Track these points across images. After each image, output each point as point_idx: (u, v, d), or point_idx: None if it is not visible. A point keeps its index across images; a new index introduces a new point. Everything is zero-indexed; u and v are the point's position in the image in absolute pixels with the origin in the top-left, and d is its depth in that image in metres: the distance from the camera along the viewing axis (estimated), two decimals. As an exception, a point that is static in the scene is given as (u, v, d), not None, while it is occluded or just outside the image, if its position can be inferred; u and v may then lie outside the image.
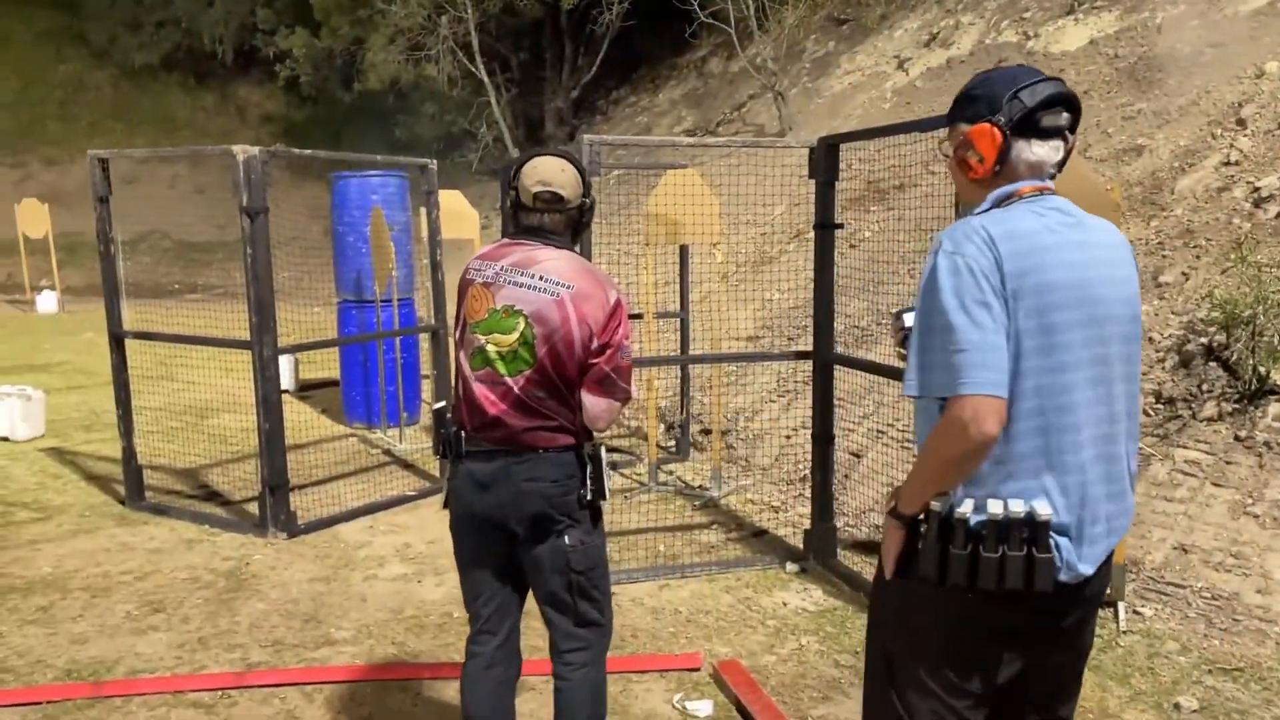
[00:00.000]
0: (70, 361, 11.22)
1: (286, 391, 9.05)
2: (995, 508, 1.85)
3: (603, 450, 2.68)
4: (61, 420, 8.20)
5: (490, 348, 2.59)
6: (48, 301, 16.31)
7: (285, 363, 8.96)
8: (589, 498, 2.64)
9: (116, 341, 5.84)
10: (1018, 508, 1.85)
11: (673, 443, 7.10)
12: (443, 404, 2.75)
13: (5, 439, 7.46)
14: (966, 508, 1.87)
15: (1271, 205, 5.75)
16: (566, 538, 2.61)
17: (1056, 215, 1.94)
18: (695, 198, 5.81)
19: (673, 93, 19.08)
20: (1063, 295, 1.87)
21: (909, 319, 2.07)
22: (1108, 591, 4.14)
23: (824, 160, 4.66)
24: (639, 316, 6.20)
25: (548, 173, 2.61)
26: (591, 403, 2.60)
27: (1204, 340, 5.12)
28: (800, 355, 5.09)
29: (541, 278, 2.57)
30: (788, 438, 6.58)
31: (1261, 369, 4.68)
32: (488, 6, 18.04)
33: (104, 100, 26.31)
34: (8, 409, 7.46)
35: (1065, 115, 1.98)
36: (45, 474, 6.66)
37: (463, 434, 2.64)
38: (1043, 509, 1.85)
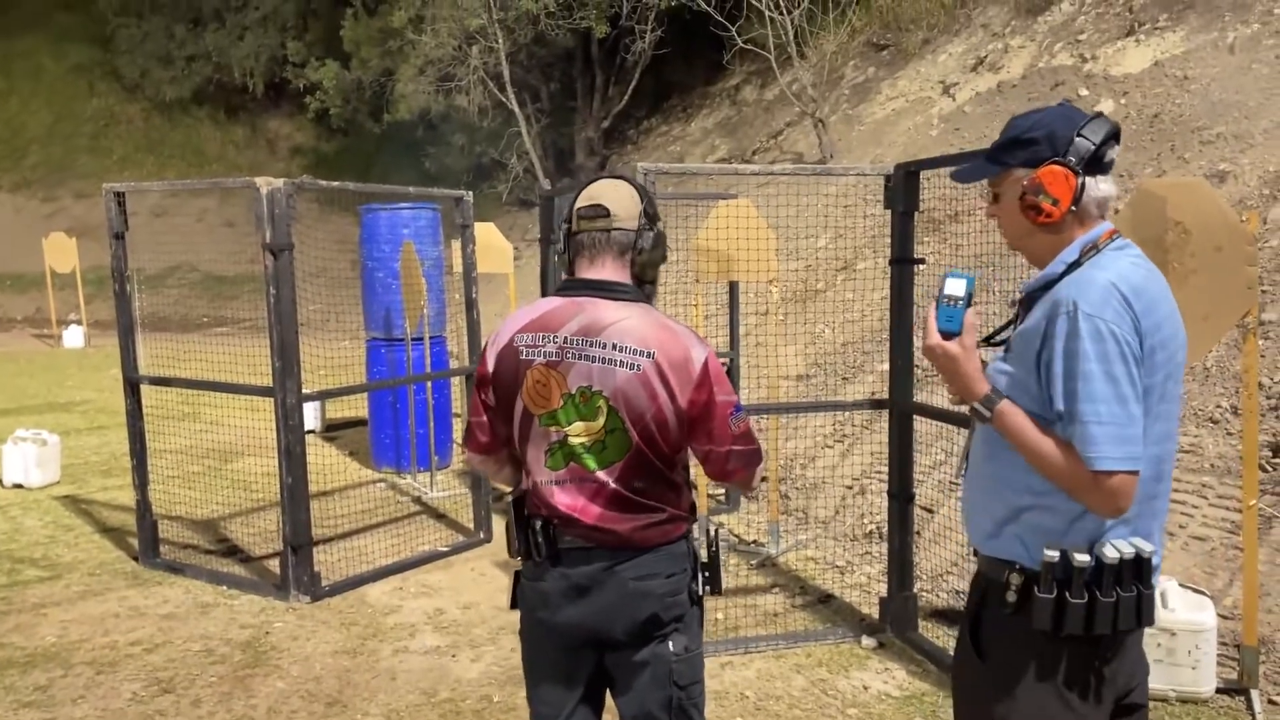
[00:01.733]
0: (93, 400, 10.92)
1: (312, 432, 8.70)
2: (1111, 552, 1.83)
3: (719, 532, 2.26)
4: (79, 465, 7.86)
5: (574, 440, 2.14)
6: (74, 336, 16.11)
7: (311, 403, 8.59)
8: (701, 593, 2.24)
9: (131, 387, 5.47)
10: (1128, 549, 1.84)
11: (722, 492, 6.63)
12: (521, 491, 2.27)
13: (19, 485, 7.11)
14: (1084, 557, 1.83)
15: (1385, 236, 5.24)
16: (671, 643, 2.18)
17: (1145, 261, 1.92)
18: (749, 231, 5.38)
19: (705, 121, 18.73)
20: (1173, 346, 1.87)
21: (952, 286, 1.93)
22: (1241, 678, 3.66)
23: (902, 189, 4.21)
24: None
25: (597, 189, 2.24)
26: (734, 485, 2.29)
27: (1323, 386, 4.61)
28: (876, 404, 4.62)
29: (617, 346, 2.11)
30: (849, 487, 6.10)
31: (1398, 420, 4.16)
32: (519, 37, 17.80)
33: (135, 134, 26.38)
34: (22, 454, 7.11)
35: (1117, 148, 1.95)
36: (57, 525, 6.29)
37: (552, 528, 2.19)
38: (1146, 546, 1.85)
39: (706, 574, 2.27)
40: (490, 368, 2.24)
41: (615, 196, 2.21)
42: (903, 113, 12.59)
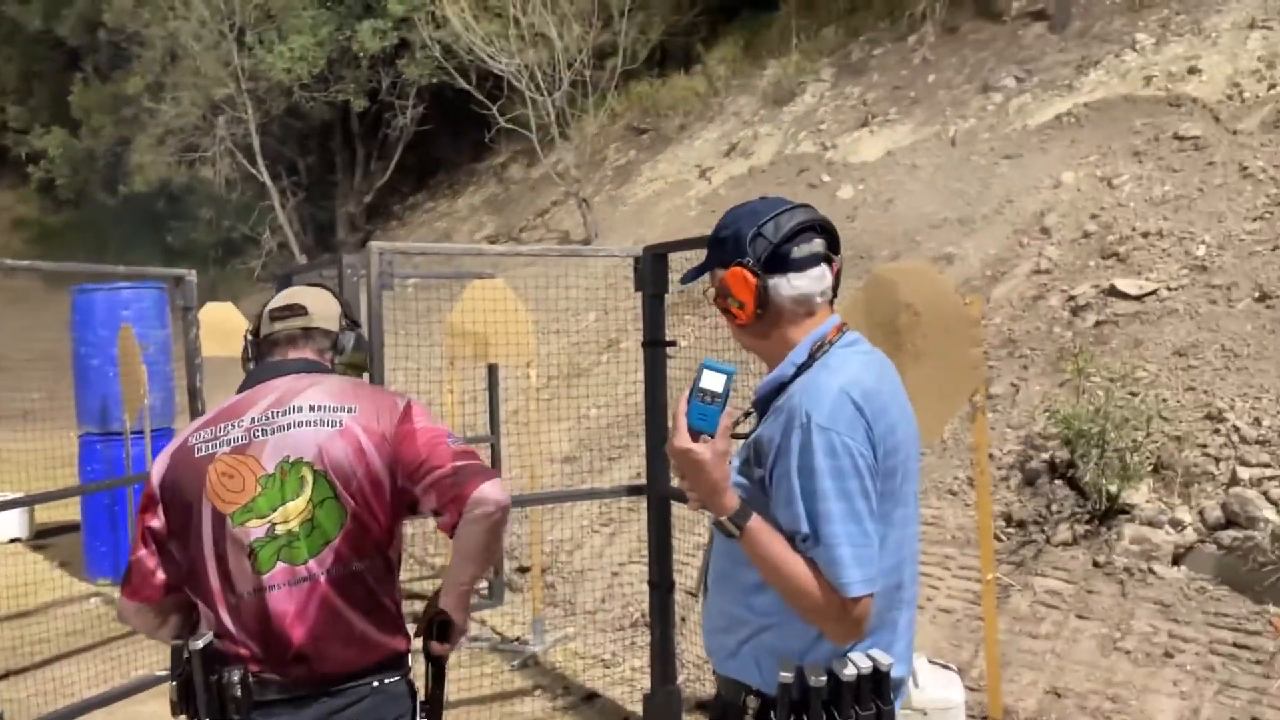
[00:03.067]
0: None
1: (18, 540, 7.67)
2: (849, 669, 1.72)
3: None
4: None
5: (281, 528, 1.86)
6: None
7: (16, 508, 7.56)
8: None
9: None
10: (865, 663, 1.74)
11: (484, 584, 6.27)
12: (208, 637, 1.93)
13: None
14: (822, 678, 1.71)
15: (1089, 314, 5.71)
16: None
17: (874, 356, 1.86)
18: (504, 311, 5.19)
19: (472, 198, 18.59)
20: (907, 449, 1.80)
21: (709, 380, 1.67)
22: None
23: (651, 271, 4.16)
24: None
25: (292, 292, 2.14)
26: (479, 522, 1.90)
27: (1045, 457, 4.89)
28: (633, 490, 4.50)
29: (314, 407, 1.91)
30: (614, 574, 5.93)
31: (1110, 488, 4.45)
32: (270, 108, 17.07)
33: None
34: None
35: (819, 241, 1.84)
36: None
37: (251, 676, 1.88)
38: (884, 659, 1.75)
39: (427, 710, 2.04)
40: (158, 479, 1.94)
41: (313, 298, 2.11)
42: (663, 194, 12.94)
